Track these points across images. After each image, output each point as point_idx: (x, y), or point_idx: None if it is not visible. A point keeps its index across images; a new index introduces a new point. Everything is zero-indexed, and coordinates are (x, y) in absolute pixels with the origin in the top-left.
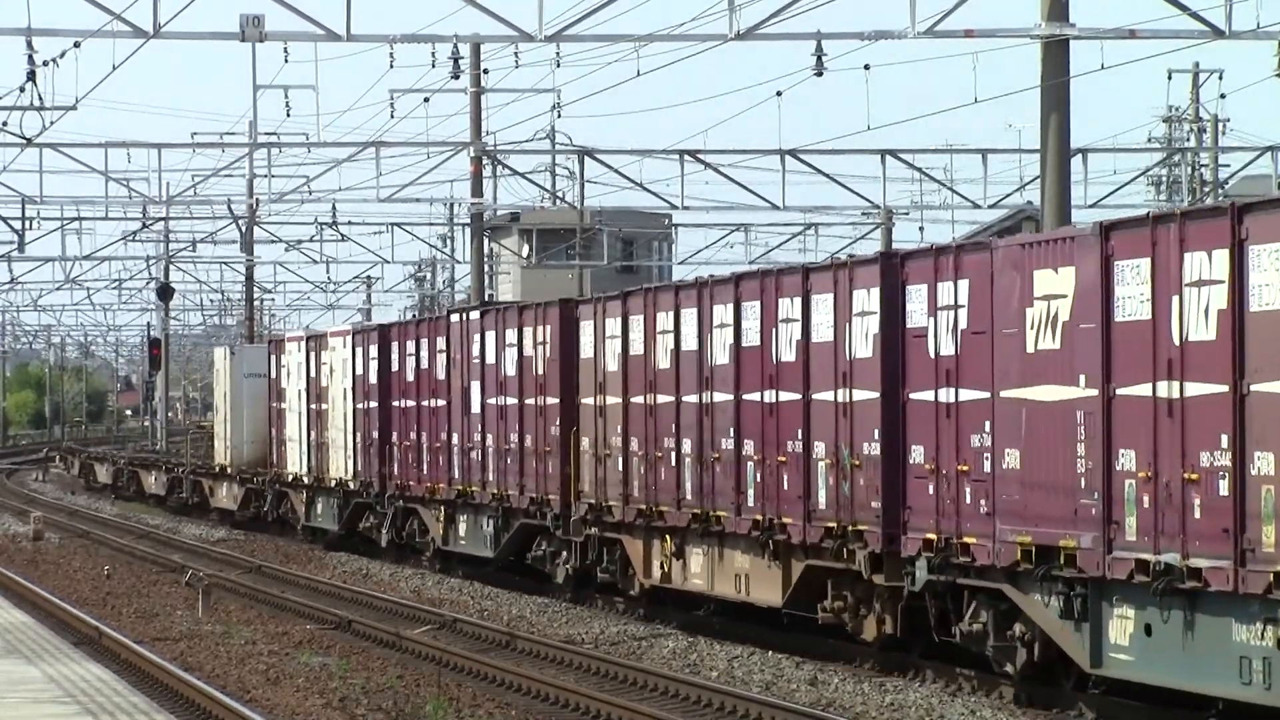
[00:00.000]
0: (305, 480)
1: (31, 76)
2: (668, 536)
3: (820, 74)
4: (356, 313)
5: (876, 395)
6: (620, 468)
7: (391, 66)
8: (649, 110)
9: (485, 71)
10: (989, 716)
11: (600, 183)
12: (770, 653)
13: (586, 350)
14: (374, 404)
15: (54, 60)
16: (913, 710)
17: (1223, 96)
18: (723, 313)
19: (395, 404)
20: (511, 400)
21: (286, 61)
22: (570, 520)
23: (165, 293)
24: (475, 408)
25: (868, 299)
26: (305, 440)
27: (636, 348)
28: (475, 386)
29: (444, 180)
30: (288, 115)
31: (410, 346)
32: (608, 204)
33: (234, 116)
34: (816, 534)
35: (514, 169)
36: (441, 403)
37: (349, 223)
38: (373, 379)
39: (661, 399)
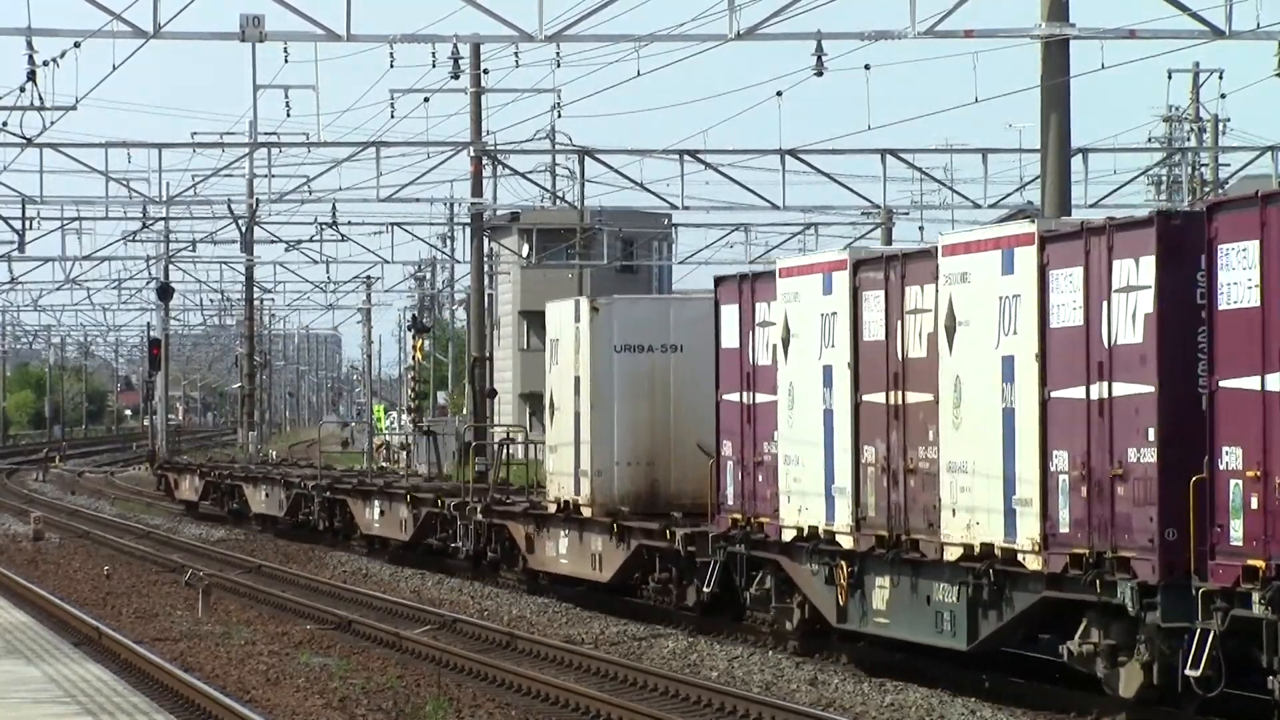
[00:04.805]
0: (837, 541)
1: (31, 76)
2: None
3: (820, 74)
4: (357, 312)
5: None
6: None
7: (391, 66)
8: (649, 110)
9: (485, 71)
10: (989, 716)
11: (600, 183)
12: (770, 653)
13: None
14: (1168, 382)
15: (54, 60)
16: (913, 710)
17: (1223, 96)
18: None
19: None
20: None
21: (286, 61)
22: None
23: (165, 293)
24: None
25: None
26: (851, 465)
27: None
28: None
29: (444, 180)
30: (288, 115)
31: None
32: (608, 204)
33: (234, 116)
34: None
35: (514, 169)
36: None
37: (349, 223)
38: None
39: None
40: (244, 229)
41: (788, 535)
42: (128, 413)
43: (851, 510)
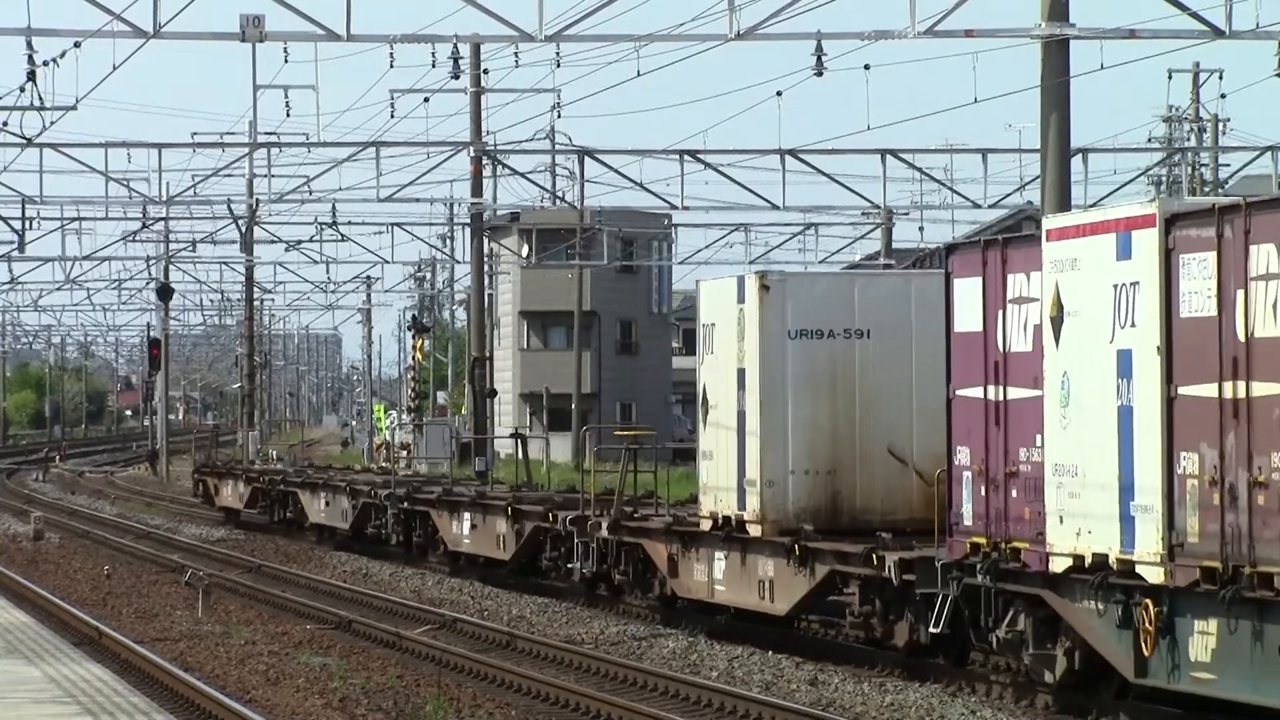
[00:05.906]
0: (1137, 573)
1: (31, 76)
2: None
3: (820, 74)
4: (357, 312)
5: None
6: None
7: (391, 66)
8: (649, 110)
9: (485, 71)
10: (989, 716)
11: (600, 183)
12: (770, 653)
13: None
14: None
15: (54, 60)
16: (913, 710)
17: (1223, 96)
18: None
19: None
20: None
21: (286, 61)
22: None
23: (165, 293)
24: None
25: None
26: (1162, 476)
27: None
28: None
29: (444, 180)
30: (288, 115)
31: None
32: (608, 204)
33: (234, 116)
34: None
35: (514, 169)
36: None
37: (349, 223)
38: None
39: None
40: (244, 229)
41: (1058, 565)
42: (128, 413)
43: (1161, 535)
